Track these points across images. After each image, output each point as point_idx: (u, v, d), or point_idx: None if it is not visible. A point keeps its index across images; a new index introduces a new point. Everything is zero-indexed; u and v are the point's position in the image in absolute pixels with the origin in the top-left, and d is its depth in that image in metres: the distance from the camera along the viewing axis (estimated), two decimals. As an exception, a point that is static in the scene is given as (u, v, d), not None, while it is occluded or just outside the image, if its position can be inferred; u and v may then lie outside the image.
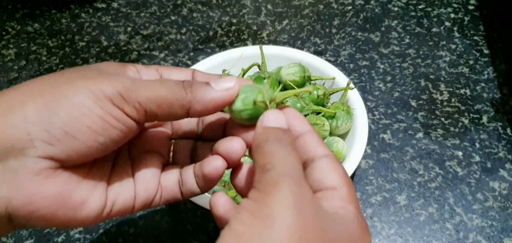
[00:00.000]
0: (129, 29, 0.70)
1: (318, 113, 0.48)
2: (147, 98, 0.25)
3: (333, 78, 0.52)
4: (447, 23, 0.68)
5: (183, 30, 0.69)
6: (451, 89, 0.59)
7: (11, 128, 0.23)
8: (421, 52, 0.64)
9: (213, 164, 0.29)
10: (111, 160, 0.29)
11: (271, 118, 0.27)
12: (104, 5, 0.74)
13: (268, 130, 0.26)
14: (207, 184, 0.30)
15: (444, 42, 0.65)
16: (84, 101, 0.24)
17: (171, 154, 0.32)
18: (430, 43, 0.65)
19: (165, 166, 0.32)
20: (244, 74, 0.50)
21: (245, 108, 0.28)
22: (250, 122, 0.28)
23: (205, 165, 0.29)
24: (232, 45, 0.66)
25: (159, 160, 0.31)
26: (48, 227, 0.27)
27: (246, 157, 0.32)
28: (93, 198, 0.26)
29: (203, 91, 0.27)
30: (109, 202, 0.28)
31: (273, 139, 0.25)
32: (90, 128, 0.24)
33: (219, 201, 0.28)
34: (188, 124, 0.32)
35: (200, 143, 0.32)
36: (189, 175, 0.30)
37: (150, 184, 0.30)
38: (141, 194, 0.29)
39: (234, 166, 0.30)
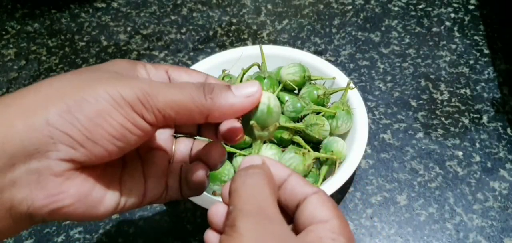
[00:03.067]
0: (129, 29, 0.70)
1: (318, 113, 0.48)
2: (166, 104, 0.26)
3: (333, 78, 0.52)
4: (447, 23, 0.68)
5: (183, 30, 0.69)
6: (451, 89, 0.59)
7: (34, 131, 0.23)
8: (421, 52, 0.64)
9: (198, 174, 0.31)
10: (121, 157, 0.30)
11: (245, 161, 0.27)
12: (104, 5, 0.74)
13: (239, 171, 0.26)
14: (191, 191, 0.31)
15: (444, 42, 0.65)
16: (105, 108, 0.24)
17: (174, 150, 0.33)
18: (430, 43, 0.65)
19: (169, 163, 0.32)
20: (244, 74, 0.50)
21: (260, 116, 0.28)
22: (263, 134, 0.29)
23: (188, 171, 0.31)
24: (232, 45, 0.66)
25: (165, 158, 0.32)
26: (69, 221, 0.29)
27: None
28: (109, 195, 0.27)
29: (224, 97, 0.27)
30: (122, 198, 0.28)
31: (239, 177, 0.25)
32: (110, 134, 0.25)
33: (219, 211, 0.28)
34: (189, 125, 0.33)
35: (197, 140, 0.34)
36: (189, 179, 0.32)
37: (159, 182, 0.31)
38: (151, 190, 0.30)
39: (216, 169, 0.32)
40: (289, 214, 0.27)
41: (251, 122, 0.28)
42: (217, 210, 0.26)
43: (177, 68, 0.31)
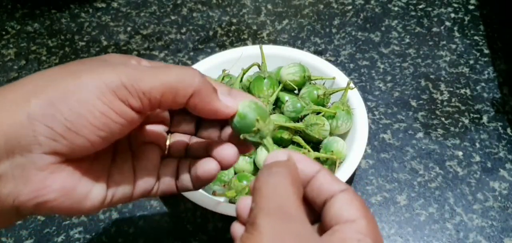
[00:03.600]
0: (129, 29, 0.70)
1: (318, 113, 0.48)
2: (152, 87, 0.26)
3: (333, 78, 0.52)
4: (447, 23, 0.68)
5: (183, 30, 0.69)
6: (451, 89, 0.59)
7: (16, 125, 0.23)
8: (421, 52, 0.64)
9: (207, 166, 0.30)
10: (111, 151, 0.30)
11: (270, 157, 0.27)
12: (104, 5, 0.74)
13: (263, 168, 0.26)
14: (199, 183, 0.31)
15: (444, 42, 0.65)
16: (87, 97, 0.24)
17: (168, 146, 0.33)
18: (430, 43, 0.65)
19: (163, 158, 0.32)
20: (244, 74, 0.50)
21: (240, 127, 0.29)
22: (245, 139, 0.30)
23: (199, 166, 0.30)
24: (232, 45, 0.66)
25: (158, 152, 0.32)
26: (56, 214, 0.29)
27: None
28: (95, 189, 0.27)
29: (209, 90, 0.28)
30: (110, 192, 0.28)
31: (262, 175, 0.25)
32: (92, 124, 0.24)
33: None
34: (186, 125, 0.33)
35: (195, 139, 0.33)
36: (184, 171, 0.31)
37: (149, 176, 0.31)
38: (141, 184, 0.30)
39: (227, 169, 0.31)
40: (318, 211, 0.26)
41: (241, 136, 0.30)
42: (245, 204, 0.25)
43: (171, 65, 0.31)
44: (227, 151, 0.30)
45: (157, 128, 0.32)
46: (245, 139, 0.30)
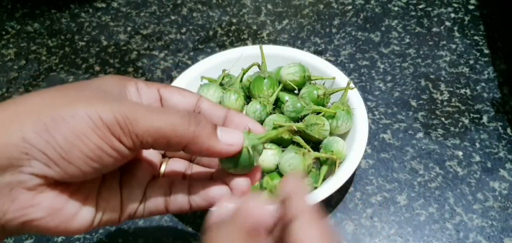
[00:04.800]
0: (129, 28, 0.70)
1: (318, 113, 0.48)
2: (145, 131, 0.25)
3: (333, 78, 0.52)
4: (447, 23, 0.68)
5: (183, 30, 0.69)
6: (451, 89, 0.59)
7: (9, 146, 0.23)
8: (421, 52, 0.64)
9: (219, 191, 0.29)
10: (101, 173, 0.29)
11: (213, 216, 0.27)
12: (104, 5, 0.74)
13: (209, 227, 0.26)
14: (205, 205, 0.30)
15: (444, 42, 0.65)
16: (82, 128, 0.24)
17: (163, 170, 0.32)
18: (430, 43, 0.65)
19: (154, 178, 0.31)
20: (244, 74, 0.50)
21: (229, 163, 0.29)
22: (235, 171, 0.29)
23: (212, 190, 0.29)
24: (232, 45, 0.66)
25: (147, 171, 0.31)
26: (43, 234, 0.28)
27: None
28: (83, 210, 0.27)
29: (206, 136, 0.27)
30: (98, 214, 0.28)
31: (210, 237, 0.25)
32: (86, 155, 0.24)
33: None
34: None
35: (194, 165, 0.33)
36: (179, 192, 0.30)
37: (134, 193, 0.29)
38: (126, 202, 0.29)
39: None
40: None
41: (235, 169, 0.29)
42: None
43: (169, 88, 0.30)
44: (242, 182, 0.29)
45: (150, 151, 0.32)
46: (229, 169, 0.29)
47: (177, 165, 0.32)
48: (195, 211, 0.30)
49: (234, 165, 0.28)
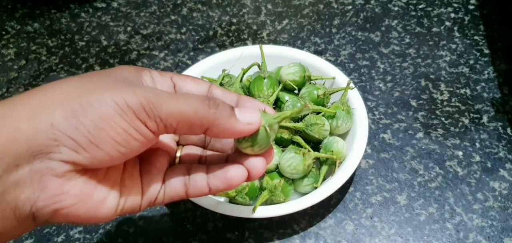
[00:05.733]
0: (128, 28, 0.70)
1: (318, 113, 0.48)
2: (169, 114, 0.26)
3: (333, 78, 0.52)
4: (447, 23, 0.68)
5: (183, 30, 0.69)
6: (451, 89, 0.59)
7: (39, 132, 0.24)
8: (421, 52, 0.64)
9: (237, 171, 0.30)
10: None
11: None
12: (104, 5, 0.74)
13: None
14: (225, 185, 0.30)
15: (444, 42, 0.65)
16: (109, 113, 0.25)
17: (179, 157, 0.33)
18: (430, 43, 0.65)
19: (171, 165, 0.32)
20: (244, 74, 0.50)
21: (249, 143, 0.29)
22: (253, 151, 0.30)
23: (229, 169, 0.30)
24: (232, 45, 0.66)
25: (165, 158, 0.32)
26: (71, 224, 0.29)
27: None
28: (110, 196, 0.27)
29: (226, 117, 0.28)
30: (122, 199, 0.28)
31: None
32: (113, 139, 0.25)
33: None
34: (196, 137, 0.33)
35: (208, 152, 0.33)
36: (198, 174, 0.30)
37: (154, 180, 0.30)
38: (147, 189, 0.30)
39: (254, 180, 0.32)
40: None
41: (253, 148, 0.29)
42: None
43: (182, 76, 0.31)
44: (258, 162, 0.30)
45: (166, 137, 0.33)
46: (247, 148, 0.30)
47: (192, 151, 0.33)
48: (214, 194, 0.31)
49: (252, 144, 0.29)
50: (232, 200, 0.44)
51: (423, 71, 0.61)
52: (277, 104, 0.51)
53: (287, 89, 0.51)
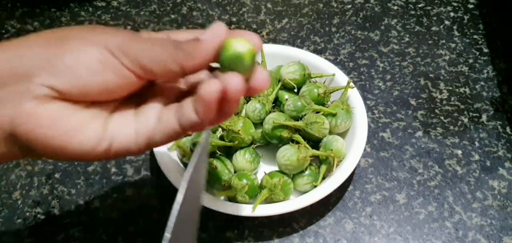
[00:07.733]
0: (128, 27, 0.70)
1: (318, 112, 0.48)
2: (141, 52, 0.27)
3: (333, 75, 0.52)
4: (446, 22, 0.68)
5: (183, 29, 0.69)
6: (450, 88, 0.59)
7: (19, 58, 0.27)
8: (420, 51, 0.64)
9: (208, 83, 0.28)
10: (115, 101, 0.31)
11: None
12: (103, 4, 0.74)
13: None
14: (203, 106, 0.28)
15: (443, 41, 0.65)
16: (86, 48, 0.27)
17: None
18: (430, 42, 0.65)
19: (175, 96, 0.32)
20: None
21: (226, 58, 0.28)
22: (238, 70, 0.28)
23: (201, 86, 0.28)
24: (232, 43, 0.66)
25: (162, 98, 0.31)
26: (46, 155, 0.29)
27: None
28: (89, 126, 0.28)
29: (193, 45, 0.28)
30: (107, 134, 0.29)
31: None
32: (89, 68, 0.27)
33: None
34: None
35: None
36: (187, 102, 0.29)
37: (148, 115, 0.30)
38: (141, 128, 0.29)
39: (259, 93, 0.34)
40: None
41: (222, 65, 0.28)
42: None
43: (177, 30, 0.32)
44: (232, 76, 0.28)
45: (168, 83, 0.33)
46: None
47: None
48: (203, 120, 0.29)
49: (229, 66, 0.28)
50: (232, 199, 0.45)
51: (422, 70, 0.61)
52: (277, 103, 0.51)
53: (287, 88, 0.51)
